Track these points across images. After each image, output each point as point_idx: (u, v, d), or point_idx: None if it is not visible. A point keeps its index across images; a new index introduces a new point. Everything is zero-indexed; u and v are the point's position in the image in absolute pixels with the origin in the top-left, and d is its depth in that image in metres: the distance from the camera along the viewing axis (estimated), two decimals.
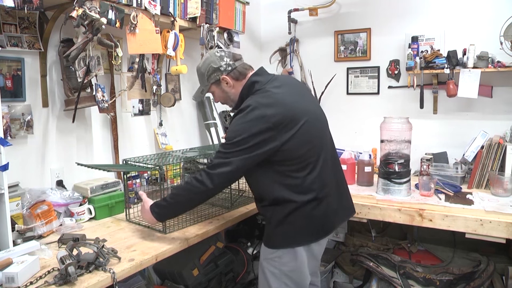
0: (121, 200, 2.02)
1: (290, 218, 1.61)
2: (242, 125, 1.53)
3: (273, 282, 1.67)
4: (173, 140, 2.66)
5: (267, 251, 1.69)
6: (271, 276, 1.68)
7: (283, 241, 1.64)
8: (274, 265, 1.67)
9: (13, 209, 1.61)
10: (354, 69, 3.13)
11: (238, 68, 1.69)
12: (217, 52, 1.71)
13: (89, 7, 1.63)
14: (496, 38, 2.39)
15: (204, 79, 1.72)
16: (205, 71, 1.70)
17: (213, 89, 1.73)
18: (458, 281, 2.24)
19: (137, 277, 2.06)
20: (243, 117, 1.54)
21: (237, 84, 1.69)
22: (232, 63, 1.68)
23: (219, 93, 1.74)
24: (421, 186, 2.28)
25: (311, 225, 1.65)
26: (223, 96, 1.74)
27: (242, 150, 1.51)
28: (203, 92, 1.77)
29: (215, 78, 1.68)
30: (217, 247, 2.43)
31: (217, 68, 1.67)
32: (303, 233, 1.65)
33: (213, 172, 1.55)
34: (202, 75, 1.72)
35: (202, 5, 2.30)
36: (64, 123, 2.01)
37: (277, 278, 1.67)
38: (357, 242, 2.75)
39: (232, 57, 1.70)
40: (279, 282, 1.67)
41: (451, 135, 2.78)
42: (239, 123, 1.55)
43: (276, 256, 1.66)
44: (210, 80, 1.70)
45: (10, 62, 1.76)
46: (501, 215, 1.89)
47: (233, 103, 1.75)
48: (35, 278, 1.31)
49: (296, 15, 3.23)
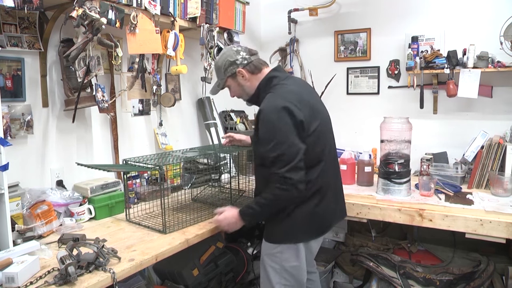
0: (121, 200, 2.02)
1: (294, 214, 1.67)
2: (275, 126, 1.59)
3: (274, 277, 1.72)
4: (173, 140, 2.66)
5: (269, 247, 1.74)
6: (272, 271, 1.73)
7: (286, 237, 1.70)
8: (275, 261, 1.72)
9: (13, 209, 1.61)
10: (354, 69, 3.14)
11: (254, 62, 1.76)
12: (234, 47, 1.80)
13: (89, 7, 1.63)
14: (496, 38, 2.39)
15: (221, 72, 1.78)
16: (221, 65, 1.76)
17: (229, 82, 1.80)
18: (458, 281, 2.24)
19: (137, 277, 2.06)
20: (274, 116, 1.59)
21: (252, 77, 1.75)
22: (248, 57, 1.75)
23: (234, 87, 1.80)
24: (421, 186, 2.28)
25: (312, 222, 1.71)
26: (239, 89, 1.80)
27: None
28: (219, 86, 1.83)
29: (231, 71, 1.75)
30: (217, 247, 2.43)
31: (233, 62, 1.73)
32: (304, 230, 1.71)
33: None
34: (219, 69, 1.79)
35: (202, 5, 2.30)
36: (64, 123, 2.01)
37: (277, 273, 1.73)
38: (357, 242, 2.75)
39: (248, 52, 1.77)
40: (279, 277, 1.73)
41: (451, 135, 2.78)
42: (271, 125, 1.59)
43: (277, 252, 1.71)
44: (227, 73, 1.76)
45: (10, 62, 1.76)
46: (501, 215, 1.89)
47: (247, 97, 1.82)
48: (35, 278, 1.31)
49: (296, 15, 3.23)
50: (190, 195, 2.30)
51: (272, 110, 1.59)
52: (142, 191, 2.19)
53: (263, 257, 1.78)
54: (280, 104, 1.59)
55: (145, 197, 2.17)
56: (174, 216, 1.94)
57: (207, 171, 2.30)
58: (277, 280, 1.73)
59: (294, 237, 1.69)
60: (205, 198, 2.27)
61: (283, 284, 1.74)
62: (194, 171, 2.28)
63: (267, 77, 1.74)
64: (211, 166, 2.30)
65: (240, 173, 2.42)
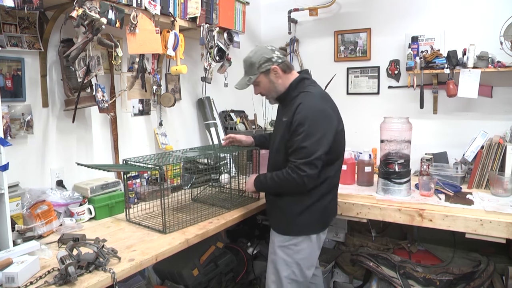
0: (121, 200, 2.02)
1: (313, 207, 1.80)
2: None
3: (283, 270, 1.81)
4: (173, 140, 2.66)
5: (282, 239, 1.83)
6: (282, 264, 1.82)
7: (303, 229, 1.81)
8: (288, 253, 1.81)
9: (13, 209, 1.61)
10: (354, 69, 3.14)
11: (286, 62, 1.86)
12: (268, 46, 1.87)
13: (89, 7, 1.63)
14: (496, 38, 2.39)
15: (254, 68, 1.82)
16: (256, 61, 1.81)
17: (261, 78, 1.84)
18: (458, 281, 2.24)
19: (137, 277, 2.06)
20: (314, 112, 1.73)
21: (284, 76, 1.84)
22: (281, 56, 1.85)
23: (265, 83, 1.85)
24: (421, 186, 2.28)
25: (324, 215, 1.86)
26: (268, 86, 1.86)
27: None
28: (249, 81, 1.86)
29: (266, 67, 1.81)
30: (217, 247, 2.44)
31: (269, 59, 1.80)
32: (318, 222, 1.84)
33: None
34: (252, 65, 1.82)
35: (202, 5, 2.30)
36: (64, 123, 2.01)
37: (287, 266, 1.81)
38: (357, 242, 2.75)
39: (281, 52, 1.86)
40: (288, 270, 1.81)
41: (451, 135, 2.78)
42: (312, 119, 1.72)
43: (292, 244, 1.81)
44: (261, 69, 1.81)
45: (10, 62, 1.76)
46: (501, 215, 1.89)
47: (276, 95, 1.88)
48: (35, 278, 1.31)
49: (296, 15, 3.23)
50: (190, 195, 2.30)
51: (314, 108, 1.73)
52: (142, 191, 2.19)
53: (275, 249, 1.84)
54: (322, 105, 1.76)
55: (145, 197, 2.18)
56: (174, 216, 1.94)
57: (207, 171, 2.30)
58: (286, 274, 1.80)
59: (310, 229, 1.81)
60: (205, 198, 2.27)
61: (291, 278, 1.82)
62: (194, 171, 2.28)
63: (299, 78, 1.85)
64: (211, 166, 2.30)
65: (240, 173, 2.42)
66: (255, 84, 1.87)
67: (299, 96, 1.78)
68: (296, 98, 1.78)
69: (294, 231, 1.81)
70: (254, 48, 1.90)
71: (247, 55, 1.87)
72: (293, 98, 1.81)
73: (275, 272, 1.84)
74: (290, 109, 1.78)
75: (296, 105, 1.74)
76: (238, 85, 1.90)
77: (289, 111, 1.77)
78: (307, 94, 1.78)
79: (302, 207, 1.78)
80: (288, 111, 1.80)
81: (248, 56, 1.86)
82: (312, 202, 1.78)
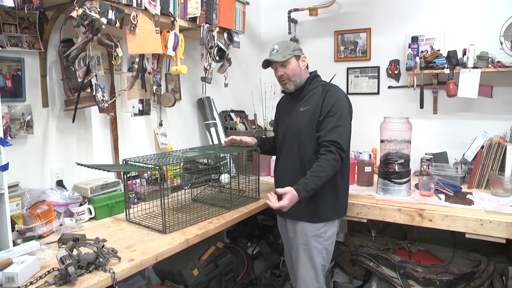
0: (121, 200, 2.02)
1: (341, 192, 1.97)
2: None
3: (317, 257, 1.93)
4: (173, 140, 2.66)
5: (315, 227, 1.92)
6: (316, 252, 1.93)
7: (333, 214, 1.96)
8: (320, 242, 1.93)
9: (13, 209, 1.61)
10: (354, 69, 3.14)
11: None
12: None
13: (89, 7, 1.63)
14: (496, 38, 2.39)
15: (290, 49, 1.94)
16: (291, 45, 1.97)
17: (292, 60, 1.94)
18: (458, 281, 2.24)
19: (137, 277, 2.06)
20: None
21: (305, 70, 2.02)
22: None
23: (294, 67, 1.94)
24: (421, 186, 2.28)
25: (346, 200, 2.05)
26: (295, 71, 1.95)
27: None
28: (285, 57, 1.92)
29: (299, 53, 1.96)
30: (217, 247, 2.44)
31: (300, 49, 1.99)
32: (343, 206, 2.03)
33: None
34: (288, 47, 1.95)
35: (202, 5, 2.30)
36: (64, 123, 2.01)
37: (320, 253, 1.93)
38: (357, 242, 2.75)
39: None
40: (321, 257, 1.94)
41: (451, 135, 2.78)
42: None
43: (322, 232, 1.93)
44: (295, 52, 1.94)
45: (10, 62, 1.76)
46: (501, 215, 1.89)
47: (298, 81, 1.97)
48: (35, 278, 1.31)
49: (296, 15, 3.23)
50: (190, 195, 2.30)
51: (343, 95, 1.96)
52: (142, 191, 2.19)
53: (308, 239, 1.93)
54: (344, 94, 2.01)
55: (145, 197, 2.17)
56: (174, 216, 1.94)
57: (207, 171, 2.30)
58: (319, 261, 1.93)
59: (338, 214, 1.99)
60: (205, 198, 2.27)
61: (322, 264, 1.95)
62: (194, 171, 2.28)
63: (314, 74, 2.04)
64: (211, 166, 2.30)
65: (240, 173, 2.42)
66: (284, 64, 1.93)
67: (320, 87, 1.95)
68: (316, 89, 1.95)
69: (326, 217, 1.92)
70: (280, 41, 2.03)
71: (281, 41, 2.02)
72: (310, 90, 1.97)
73: (310, 261, 1.92)
74: (311, 98, 1.94)
75: (323, 92, 1.91)
76: (273, 57, 1.94)
77: (311, 100, 1.94)
78: (330, 85, 1.99)
79: (337, 192, 1.94)
80: (307, 100, 1.95)
81: (283, 41, 2.04)
82: (342, 187, 1.96)
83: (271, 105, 2.98)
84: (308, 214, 1.91)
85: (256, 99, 3.14)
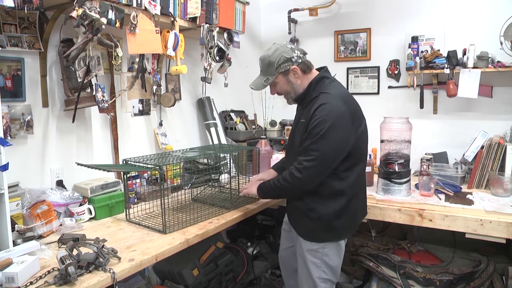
0: (121, 200, 2.02)
1: (341, 213, 1.74)
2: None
3: (314, 271, 1.80)
4: (173, 140, 2.66)
5: (311, 244, 1.80)
6: (313, 266, 1.81)
7: (331, 236, 1.78)
8: (316, 256, 1.80)
9: (13, 209, 1.61)
10: (354, 69, 3.14)
11: (306, 61, 1.78)
12: (287, 44, 1.78)
13: (89, 7, 1.63)
14: (496, 38, 2.39)
15: (272, 68, 1.74)
16: (275, 60, 1.73)
17: (279, 79, 1.78)
18: (458, 281, 2.24)
19: (137, 277, 2.06)
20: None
21: (303, 77, 1.77)
22: (302, 55, 1.76)
23: (283, 84, 1.79)
24: (421, 186, 2.28)
25: (352, 220, 1.84)
26: (286, 87, 1.79)
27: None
28: (267, 82, 1.79)
29: (285, 68, 1.73)
30: (217, 247, 2.44)
31: (289, 59, 1.72)
32: (346, 227, 1.82)
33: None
34: (270, 65, 1.74)
35: (202, 5, 2.30)
36: (64, 123, 2.01)
37: (318, 267, 1.80)
38: (357, 242, 2.75)
39: (301, 51, 1.78)
40: (319, 270, 1.80)
41: (451, 135, 2.78)
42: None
43: (319, 248, 1.79)
44: (279, 69, 1.74)
45: (10, 62, 1.76)
46: (501, 215, 1.89)
47: (294, 95, 1.81)
48: (35, 278, 1.31)
49: (296, 15, 3.23)
50: (190, 195, 2.30)
51: (332, 112, 1.64)
52: (142, 191, 2.19)
53: (304, 254, 1.82)
54: (341, 108, 1.66)
55: (145, 197, 2.17)
56: (174, 216, 1.94)
57: (207, 171, 2.30)
58: (318, 274, 1.80)
59: (338, 235, 1.79)
60: (205, 198, 2.27)
61: (323, 278, 1.81)
62: (194, 171, 2.28)
63: (318, 77, 1.77)
64: (211, 166, 2.30)
65: (240, 173, 2.42)
66: (272, 84, 1.81)
67: (319, 97, 1.71)
68: (316, 99, 1.71)
69: (323, 238, 1.78)
70: (272, 45, 1.79)
71: (265, 53, 1.77)
72: (312, 99, 1.74)
73: (307, 273, 1.83)
74: (308, 110, 1.71)
75: (315, 107, 1.67)
76: (253, 85, 1.82)
77: (307, 113, 1.71)
78: (327, 95, 1.70)
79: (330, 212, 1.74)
80: (306, 112, 1.74)
81: (266, 54, 1.76)
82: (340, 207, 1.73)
83: (271, 105, 2.98)
84: (305, 232, 1.83)
85: (256, 99, 3.13)
